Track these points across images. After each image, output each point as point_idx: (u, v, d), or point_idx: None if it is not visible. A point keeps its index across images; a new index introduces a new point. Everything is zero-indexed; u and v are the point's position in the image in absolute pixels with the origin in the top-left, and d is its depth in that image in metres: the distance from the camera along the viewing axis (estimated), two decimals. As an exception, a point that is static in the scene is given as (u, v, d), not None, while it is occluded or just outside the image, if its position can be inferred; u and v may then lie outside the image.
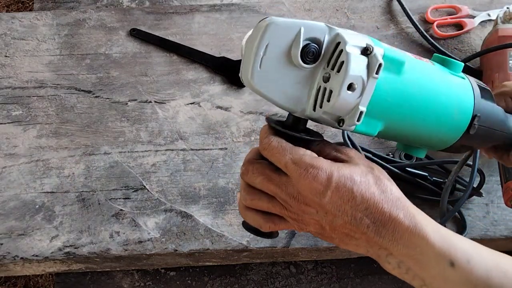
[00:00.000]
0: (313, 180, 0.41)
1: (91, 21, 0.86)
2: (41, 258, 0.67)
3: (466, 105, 0.47)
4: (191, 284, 0.76)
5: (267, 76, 0.41)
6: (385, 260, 0.44)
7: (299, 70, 0.41)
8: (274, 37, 0.40)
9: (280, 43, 0.40)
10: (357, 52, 0.40)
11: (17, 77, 0.81)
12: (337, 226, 0.44)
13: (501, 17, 0.78)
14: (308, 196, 0.42)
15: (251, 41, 0.41)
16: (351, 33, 0.42)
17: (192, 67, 0.82)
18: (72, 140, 0.76)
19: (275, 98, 0.43)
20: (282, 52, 0.41)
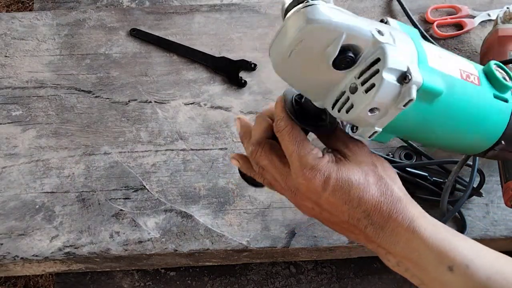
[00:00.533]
0: (311, 181, 0.41)
1: (91, 21, 0.86)
2: (41, 258, 0.67)
3: (494, 132, 0.45)
4: (191, 284, 0.76)
5: (294, 65, 0.40)
6: (384, 257, 0.44)
7: (329, 70, 0.40)
8: (312, 36, 0.38)
9: (316, 43, 0.38)
10: (393, 78, 0.38)
11: (17, 77, 0.81)
12: (334, 222, 0.44)
13: (501, 17, 0.78)
14: (305, 193, 0.42)
15: (288, 29, 0.38)
16: (396, 49, 0.38)
17: (192, 67, 0.82)
18: (72, 140, 0.76)
19: (296, 86, 0.43)
20: (316, 51, 0.39)
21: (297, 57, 0.39)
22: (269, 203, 0.71)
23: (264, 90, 0.80)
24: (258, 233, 0.69)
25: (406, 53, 0.39)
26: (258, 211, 0.70)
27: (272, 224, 0.69)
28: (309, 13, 0.37)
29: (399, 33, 0.40)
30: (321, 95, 0.43)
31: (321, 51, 0.39)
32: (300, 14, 0.38)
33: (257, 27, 0.86)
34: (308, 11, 0.37)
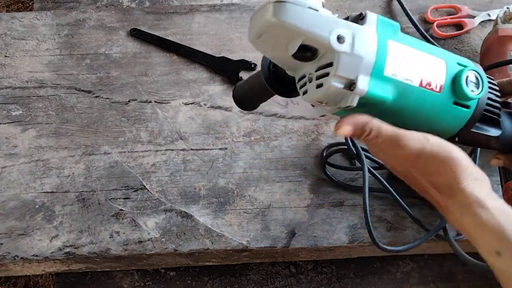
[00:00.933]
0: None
1: (91, 21, 0.86)
2: (41, 258, 0.67)
3: (448, 132, 0.48)
4: (191, 284, 0.76)
5: (264, 44, 0.44)
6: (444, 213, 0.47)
7: (290, 58, 0.44)
8: (275, 30, 0.42)
9: (279, 36, 0.42)
10: (340, 84, 0.42)
11: (17, 77, 0.81)
12: None
13: (501, 17, 0.78)
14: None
15: (260, 15, 0.42)
16: (350, 58, 0.42)
17: (192, 67, 0.82)
18: (72, 140, 0.76)
19: (270, 58, 0.49)
20: (280, 42, 0.43)
21: (265, 40, 0.43)
22: (269, 203, 0.71)
23: (264, 90, 0.80)
24: (258, 233, 0.69)
25: (360, 62, 0.42)
26: (258, 211, 0.70)
27: (272, 224, 0.69)
28: (276, 10, 0.41)
29: (364, 36, 0.43)
30: (290, 69, 0.48)
31: (284, 43, 0.43)
32: (270, 7, 0.41)
33: (257, 27, 0.86)
34: (276, 7, 0.41)
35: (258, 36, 0.43)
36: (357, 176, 0.73)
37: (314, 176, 0.73)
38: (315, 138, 0.76)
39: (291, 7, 0.41)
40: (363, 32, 0.43)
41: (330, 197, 0.71)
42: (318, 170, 0.73)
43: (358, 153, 0.70)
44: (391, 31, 0.45)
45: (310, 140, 0.76)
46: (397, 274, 0.77)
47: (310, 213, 0.70)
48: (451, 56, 0.48)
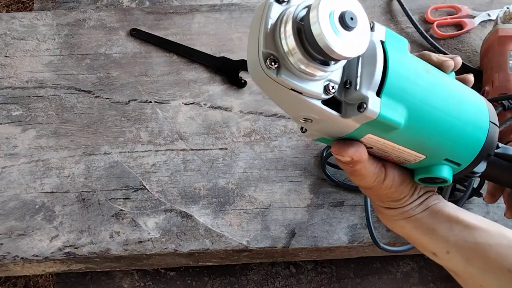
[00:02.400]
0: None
1: (91, 21, 0.86)
2: (41, 258, 0.67)
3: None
4: (191, 284, 0.76)
5: None
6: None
7: None
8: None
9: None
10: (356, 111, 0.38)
11: (17, 77, 0.81)
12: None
13: (501, 17, 0.78)
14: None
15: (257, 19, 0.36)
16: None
17: (192, 67, 0.82)
18: (72, 140, 0.76)
19: None
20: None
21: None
22: (269, 203, 0.71)
23: (264, 90, 0.80)
24: (258, 233, 0.69)
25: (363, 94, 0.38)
26: (258, 211, 0.70)
27: (272, 224, 0.69)
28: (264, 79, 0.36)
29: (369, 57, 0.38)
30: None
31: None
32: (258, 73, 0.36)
33: (257, 27, 0.86)
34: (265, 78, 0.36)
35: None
36: (357, 176, 0.73)
37: (314, 176, 0.73)
38: (315, 138, 0.76)
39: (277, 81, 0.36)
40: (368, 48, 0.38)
41: (330, 197, 0.71)
42: (318, 170, 0.73)
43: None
44: (398, 48, 0.41)
45: (310, 140, 0.76)
46: (397, 274, 0.77)
47: (310, 213, 0.70)
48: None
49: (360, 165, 0.42)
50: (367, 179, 0.44)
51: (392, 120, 0.38)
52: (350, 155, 0.41)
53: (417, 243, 0.49)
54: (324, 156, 0.73)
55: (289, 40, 0.35)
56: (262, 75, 0.36)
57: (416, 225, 0.47)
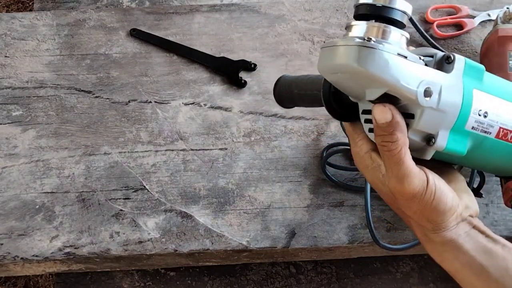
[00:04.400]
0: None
1: (91, 21, 0.86)
2: (41, 258, 0.67)
3: None
4: (191, 284, 0.76)
5: (337, 78, 0.41)
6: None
7: (364, 99, 0.41)
8: (357, 75, 0.38)
9: (360, 80, 0.39)
10: (417, 137, 0.40)
11: (17, 77, 0.81)
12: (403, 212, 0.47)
13: (501, 17, 0.78)
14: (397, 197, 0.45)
15: (341, 53, 0.38)
16: (434, 113, 0.38)
17: (192, 67, 0.82)
18: (72, 140, 0.76)
19: (336, 85, 0.43)
20: (358, 85, 0.40)
21: (340, 76, 0.40)
22: (269, 203, 0.71)
23: (264, 90, 0.80)
24: (258, 233, 0.69)
25: (443, 117, 0.39)
26: (258, 211, 0.70)
27: (272, 224, 0.69)
28: (362, 56, 0.36)
29: (451, 89, 0.39)
30: (355, 98, 0.43)
31: (364, 87, 0.39)
32: (355, 51, 0.37)
33: (257, 27, 0.86)
34: (363, 53, 0.36)
35: (332, 72, 0.40)
36: (357, 176, 0.73)
37: (314, 176, 0.73)
38: (315, 138, 0.76)
39: (380, 55, 0.36)
40: (450, 83, 0.39)
41: (330, 197, 0.71)
42: (318, 170, 0.73)
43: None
44: (477, 78, 0.42)
45: (310, 140, 0.76)
46: (397, 274, 0.77)
47: (310, 213, 0.70)
48: None
49: (399, 134, 0.39)
50: (411, 174, 0.40)
51: (455, 151, 0.41)
52: (395, 113, 0.38)
53: (465, 281, 0.44)
54: (324, 156, 0.73)
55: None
56: (362, 49, 0.37)
57: (466, 261, 0.43)
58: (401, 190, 0.41)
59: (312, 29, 0.86)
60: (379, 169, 0.42)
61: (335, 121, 0.77)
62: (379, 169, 0.42)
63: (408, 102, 0.39)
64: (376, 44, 0.37)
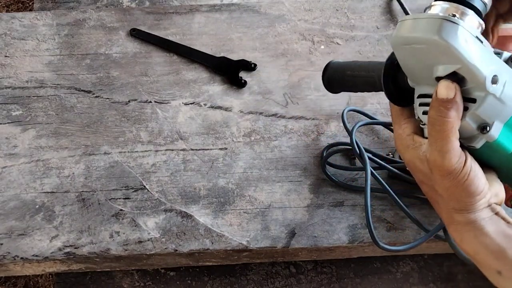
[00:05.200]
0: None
1: (91, 21, 0.86)
2: (41, 258, 0.67)
3: None
4: (191, 284, 0.76)
5: (407, 52, 0.42)
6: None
7: (430, 76, 0.42)
8: (434, 49, 0.40)
9: (434, 55, 0.40)
10: (473, 123, 0.41)
11: (17, 77, 0.81)
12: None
13: (501, 17, 0.78)
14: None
15: (421, 26, 0.40)
16: (496, 101, 0.40)
17: (192, 67, 0.82)
18: (72, 140, 0.76)
19: (401, 62, 0.45)
20: (431, 60, 0.41)
21: (412, 50, 0.41)
22: (269, 203, 0.71)
23: (264, 90, 0.80)
24: (258, 233, 0.69)
25: (502, 108, 0.41)
26: (258, 211, 0.70)
27: (272, 224, 0.69)
28: (447, 29, 0.38)
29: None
30: (415, 80, 0.45)
31: (435, 63, 0.41)
32: (439, 23, 0.39)
33: (257, 27, 0.86)
34: (447, 26, 0.38)
35: (407, 43, 0.41)
36: (357, 176, 0.73)
37: (314, 176, 0.73)
38: (315, 138, 0.76)
39: (462, 31, 0.39)
40: None
41: (330, 197, 0.71)
42: (318, 170, 0.73)
43: (360, 153, 0.70)
44: None
45: (310, 140, 0.76)
46: (397, 274, 0.77)
47: (310, 213, 0.70)
48: None
49: (454, 113, 0.41)
50: (454, 151, 0.42)
51: (504, 146, 0.42)
52: (458, 93, 0.41)
53: (484, 261, 0.46)
54: (324, 156, 0.73)
55: None
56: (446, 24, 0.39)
57: (486, 242, 0.44)
58: (440, 164, 0.43)
59: (312, 29, 0.86)
60: (420, 148, 0.45)
61: (335, 120, 0.77)
62: (420, 148, 0.45)
63: (475, 84, 0.40)
64: (459, 20, 0.39)
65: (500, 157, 0.44)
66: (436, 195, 0.47)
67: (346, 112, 0.75)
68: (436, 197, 0.47)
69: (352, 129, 0.71)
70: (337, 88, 0.61)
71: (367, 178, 0.67)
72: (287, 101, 0.79)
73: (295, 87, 0.80)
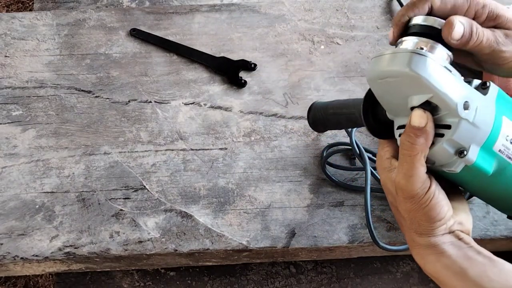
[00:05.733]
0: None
1: (91, 21, 0.86)
2: (41, 258, 0.67)
3: None
4: (191, 284, 0.76)
5: (382, 86, 0.44)
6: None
7: (405, 107, 0.44)
8: (406, 81, 0.42)
9: (406, 87, 0.42)
10: (451, 148, 0.43)
11: (17, 77, 0.81)
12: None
13: (501, 17, 0.78)
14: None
15: (392, 60, 0.42)
16: (469, 127, 0.42)
17: (192, 67, 0.82)
18: (72, 140, 0.76)
19: (377, 96, 0.47)
20: (404, 92, 0.43)
21: (387, 83, 0.43)
22: (269, 203, 0.71)
23: (264, 90, 0.80)
24: (258, 233, 0.69)
25: (477, 133, 0.42)
26: (258, 211, 0.70)
27: (272, 224, 0.69)
28: (415, 61, 0.41)
29: (486, 108, 0.43)
30: (393, 113, 0.47)
31: (409, 94, 0.43)
32: (408, 57, 0.41)
33: (257, 27, 0.86)
34: (415, 59, 0.41)
35: (381, 78, 0.43)
36: (357, 176, 0.73)
37: (314, 176, 0.73)
38: (315, 138, 0.76)
39: (430, 63, 0.41)
40: (485, 103, 0.43)
41: (330, 197, 0.71)
42: (318, 170, 0.73)
43: (360, 153, 0.70)
44: (506, 107, 0.45)
45: (310, 140, 0.76)
46: (397, 274, 0.77)
47: (310, 213, 0.70)
48: None
49: (423, 140, 0.43)
50: (418, 176, 0.44)
51: (483, 168, 0.44)
52: (430, 122, 0.42)
53: (446, 283, 0.48)
54: (324, 156, 0.73)
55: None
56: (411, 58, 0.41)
57: (447, 264, 0.46)
58: (404, 187, 0.45)
59: (312, 29, 0.86)
60: (393, 171, 0.47)
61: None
62: (393, 171, 0.47)
63: (448, 111, 0.42)
64: (427, 52, 0.41)
65: (481, 180, 0.45)
66: (401, 217, 0.49)
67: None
68: (401, 219, 0.50)
69: (352, 129, 0.71)
70: (322, 127, 0.64)
71: (367, 178, 0.67)
72: (287, 101, 0.79)
73: (295, 87, 0.80)
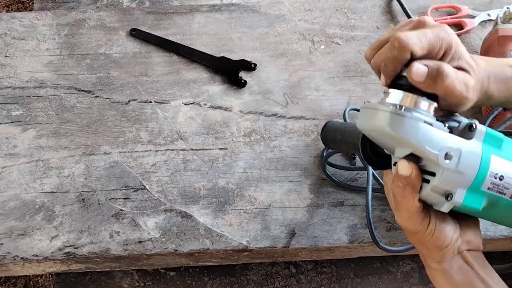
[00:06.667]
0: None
1: (91, 21, 0.86)
2: (41, 258, 0.67)
3: None
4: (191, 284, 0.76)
5: (371, 135, 0.47)
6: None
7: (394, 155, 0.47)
8: (387, 136, 0.44)
9: (389, 140, 0.45)
10: (437, 193, 0.45)
11: (17, 77, 0.81)
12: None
13: (501, 17, 0.78)
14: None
15: (375, 116, 0.44)
16: (453, 174, 0.43)
17: (192, 67, 0.82)
18: (72, 140, 0.76)
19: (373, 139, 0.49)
20: (388, 144, 0.46)
21: (376, 135, 0.46)
22: (269, 203, 0.71)
23: (264, 90, 0.80)
24: (258, 233, 0.69)
25: (461, 178, 0.44)
26: (258, 211, 0.70)
27: (272, 224, 0.69)
28: (393, 122, 0.43)
29: (470, 153, 0.44)
30: (389, 150, 0.49)
31: (394, 145, 0.45)
32: (387, 117, 0.43)
33: (257, 27, 0.86)
34: (393, 119, 0.43)
35: (367, 130, 0.47)
36: (357, 176, 0.73)
37: (314, 176, 0.73)
38: (315, 138, 0.76)
39: (408, 122, 0.43)
40: (470, 148, 0.44)
41: (330, 197, 0.71)
42: (318, 170, 0.73)
43: (358, 153, 0.70)
44: (496, 145, 0.46)
45: (310, 140, 0.76)
46: (397, 274, 0.77)
47: (310, 213, 0.70)
48: None
49: (410, 189, 0.45)
50: (415, 218, 0.46)
51: (471, 207, 0.45)
52: (414, 170, 0.45)
53: None
54: (324, 155, 0.73)
55: None
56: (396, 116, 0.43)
57: (450, 282, 0.49)
58: (405, 227, 0.49)
59: (312, 29, 0.86)
60: None
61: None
62: None
63: (430, 162, 0.44)
64: (406, 112, 0.43)
65: (473, 213, 0.47)
66: (412, 236, 0.52)
67: (348, 112, 0.75)
68: (413, 237, 0.52)
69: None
70: (331, 145, 0.68)
71: (368, 178, 0.67)
72: (287, 101, 0.79)
73: (295, 87, 0.80)
